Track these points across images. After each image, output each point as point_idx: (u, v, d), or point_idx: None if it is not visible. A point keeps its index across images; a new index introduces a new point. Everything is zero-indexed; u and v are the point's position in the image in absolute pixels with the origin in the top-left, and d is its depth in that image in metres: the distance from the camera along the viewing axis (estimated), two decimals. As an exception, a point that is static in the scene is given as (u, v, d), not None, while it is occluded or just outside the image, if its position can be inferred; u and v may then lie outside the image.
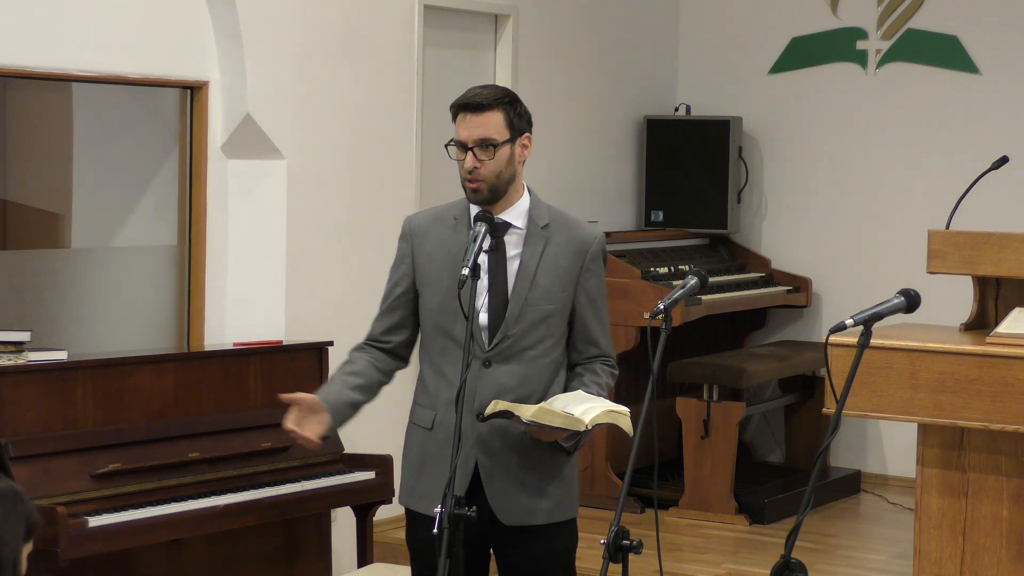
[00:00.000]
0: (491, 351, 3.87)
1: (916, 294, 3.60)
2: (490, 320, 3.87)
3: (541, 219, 3.92)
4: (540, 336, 3.89)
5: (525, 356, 3.88)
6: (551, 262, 3.90)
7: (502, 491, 3.87)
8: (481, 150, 3.83)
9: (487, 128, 3.83)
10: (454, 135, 3.88)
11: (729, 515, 7.21)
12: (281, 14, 6.20)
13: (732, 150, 8.30)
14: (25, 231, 6.49)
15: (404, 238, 4.01)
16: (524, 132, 3.91)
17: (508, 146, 3.86)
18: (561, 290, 3.90)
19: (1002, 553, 5.31)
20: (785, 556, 3.37)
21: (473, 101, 3.85)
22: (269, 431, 5.52)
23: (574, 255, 3.92)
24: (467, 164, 3.84)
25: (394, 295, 4.03)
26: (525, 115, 3.93)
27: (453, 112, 3.90)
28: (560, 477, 3.92)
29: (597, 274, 3.96)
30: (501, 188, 3.87)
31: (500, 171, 3.85)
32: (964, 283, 5.82)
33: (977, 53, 7.97)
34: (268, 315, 6.18)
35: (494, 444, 3.87)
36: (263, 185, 6.21)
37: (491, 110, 3.84)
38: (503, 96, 3.89)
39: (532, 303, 3.87)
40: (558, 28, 7.80)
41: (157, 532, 4.96)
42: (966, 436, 5.33)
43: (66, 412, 5.03)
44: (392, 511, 6.37)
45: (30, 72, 5.54)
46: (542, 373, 3.90)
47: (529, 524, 3.89)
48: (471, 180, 3.85)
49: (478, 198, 3.87)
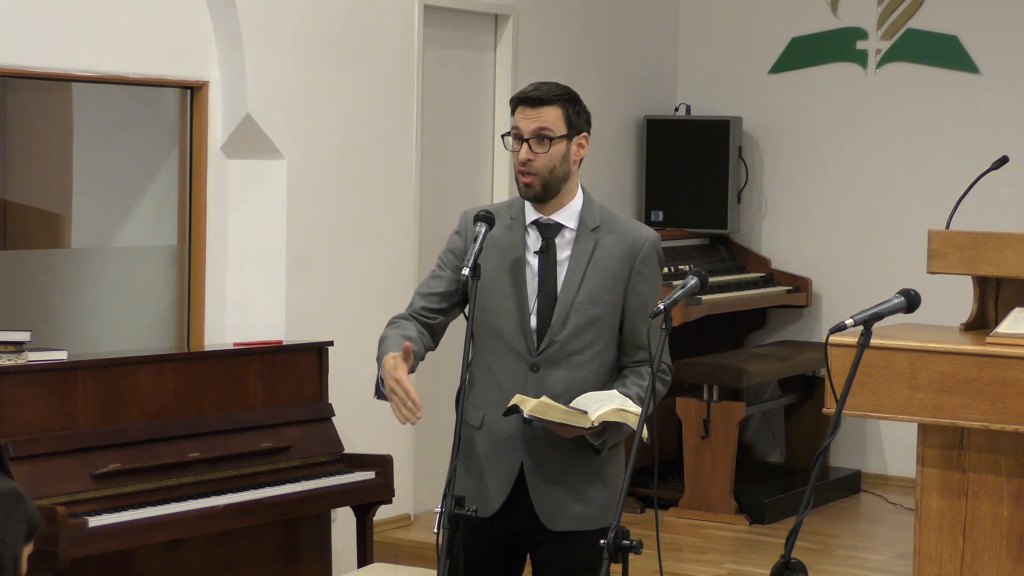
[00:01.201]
0: (538, 356, 3.81)
1: (916, 294, 3.59)
2: (538, 324, 3.81)
3: (592, 221, 3.85)
4: (588, 341, 3.82)
5: (573, 361, 3.82)
6: (600, 265, 3.82)
7: (547, 496, 3.81)
8: (537, 142, 3.77)
9: (544, 120, 3.78)
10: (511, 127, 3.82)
11: (729, 515, 7.21)
12: (281, 14, 6.20)
13: (732, 150, 8.30)
14: (25, 231, 6.49)
15: (459, 232, 3.92)
16: (582, 131, 3.84)
17: (564, 142, 3.80)
18: (609, 293, 3.82)
19: (1002, 553, 5.31)
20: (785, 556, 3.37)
21: (533, 95, 3.80)
22: (269, 431, 5.53)
23: (623, 257, 3.83)
24: (521, 155, 3.78)
25: (448, 278, 3.89)
26: (584, 114, 3.86)
27: (512, 105, 3.84)
28: (603, 480, 3.86)
29: (649, 277, 3.87)
30: (554, 184, 3.80)
31: (554, 166, 3.78)
32: (964, 283, 5.82)
33: (977, 53, 7.97)
34: (268, 315, 6.18)
35: (542, 448, 3.80)
36: (263, 185, 6.21)
37: (550, 105, 3.79)
38: (563, 93, 3.83)
39: (578, 307, 3.80)
40: (558, 28, 7.80)
41: (157, 532, 4.96)
42: (966, 436, 5.33)
43: (66, 412, 5.02)
44: (392, 511, 6.38)
45: (30, 72, 5.54)
46: (589, 378, 3.83)
47: (574, 530, 3.83)
48: (524, 173, 3.79)
49: (530, 192, 3.80)
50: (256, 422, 5.51)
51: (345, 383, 6.12)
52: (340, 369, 6.00)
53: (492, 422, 3.82)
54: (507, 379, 3.81)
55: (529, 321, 3.80)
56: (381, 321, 6.77)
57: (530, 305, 3.81)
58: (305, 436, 5.64)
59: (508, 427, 3.80)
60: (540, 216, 3.85)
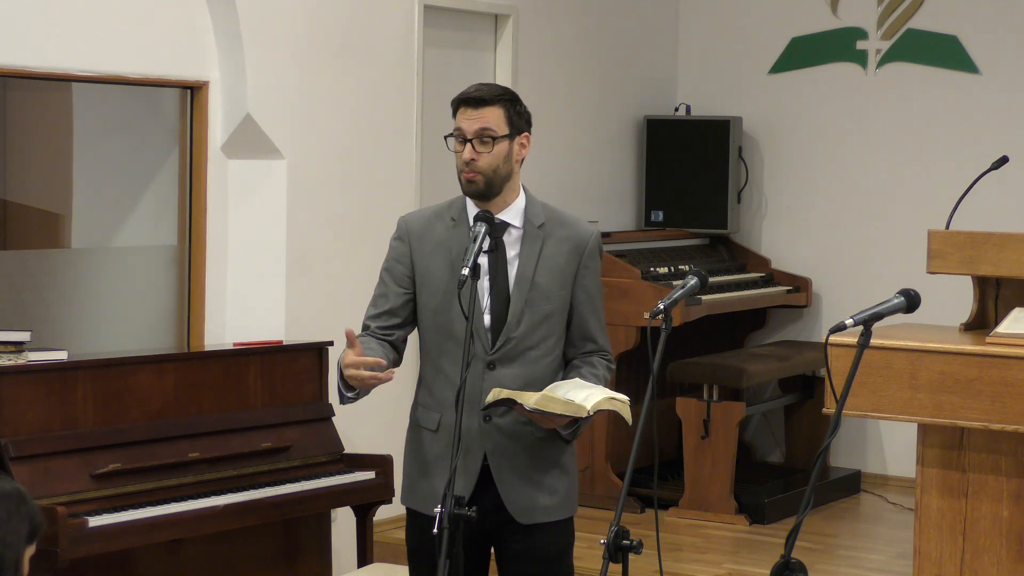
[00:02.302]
0: (495, 353, 3.87)
1: (916, 294, 3.60)
2: (492, 322, 3.87)
3: (537, 218, 3.93)
4: (542, 336, 3.90)
5: (528, 357, 3.88)
6: (549, 261, 3.90)
7: (515, 490, 3.87)
8: (480, 142, 3.84)
9: (486, 121, 3.84)
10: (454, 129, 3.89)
11: (729, 515, 7.21)
12: (281, 14, 6.20)
13: (732, 150, 8.30)
14: (25, 231, 6.49)
15: (400, 238, 3.98)
16: (523, 131, 3.92)
17: (507, 142, 3.87)
18: (560, 288, 3.90)
19: (1002, 553, 5.31)
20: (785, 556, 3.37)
21: (474, 96, 3.87)
22: (269, 431, 5.53)
23: (571, 253, 3.92)
24: (465, 155, 3.85)
25: (393, 293, 3.97)
26: (525, 114, 3.94)
27: (454, 106, 3.91)
28: (564, 470, 3.93)
29: (594, 271, 3.97)
30: (497, 183, 3.87)
31: (497, 165, 3.85)
32: (964, 283, 5.82)
33: (977, 53, 7.97)
34: (268, 315, 6.18)
35: (503, 443, 3.86)
36: (263, 185, 6.21)
37: (491, 105, 3.86)
38: (503, 93, 3.91)
39: (532, 304, 3.88)
40: (558, 28, 7.80)
41: (157, 532, 4.97)
42: (966, 436, 5.33)
43: (66, 412, 5.02)
44: (392, 511, 6.38)
45: (30, 72, 5.54)
46: (544, 373, 3.90)
47: (544, 521, 3.89)
48: (468, 171, 3.85)
49: (472, 189, 3.86)
50: (256, 422, 5.52)
51: (345, 383, 6.12)
52: (340, 369, 6.00)
53: (449, 423, 3.84)
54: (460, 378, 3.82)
55: (482, 319, 3.86)
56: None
57: (483, 304, 3.85)
58: (305, 436, 5.64)
59: (468, 425, 3.82)
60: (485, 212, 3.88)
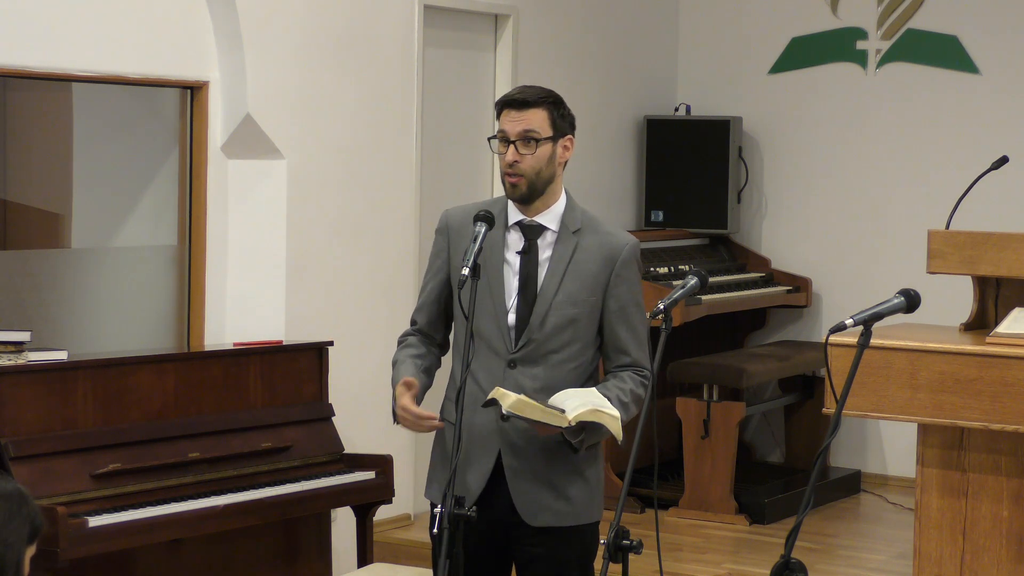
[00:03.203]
0: (516, 352, 3.86)
1: (916, 294, 3.60)
2: (517, 322, 3.86)
3: (573, 223, 3.92)
4: (566, 340, 3.87)
5: (550, 360, 3.87)
6: (579, 267, 3.88)
7: (527, 491, 3.85)
8: (523, 144, 3.84)
9: (530, 123, 3.84)
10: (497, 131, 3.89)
11: (729, 515, 7.21)
12: (281, 14, 6.20)
13: (732, 150, 8.30)
14: (25, 231, 6.49)
15: (440, 232, 4.00)
16: (567, 134, 3.92)
17: (550, 144, 3.87)
18: (588, 295, 3.87)
19: (1002, 553, 5.31)
20: (785, 556, 3.37)
21: (518, 98, 3.86)
22: (269, 431, 5.53)
23: (603, 261, 3.89)
24: (508, 157, 3.84)
25: (433, 288, 4.00)
26: (568, 117, 3.93)
27: (497, 109, 3.90)
28: (584, 478, 3.90)
29: (628, 280, 3.92)
30: (540, 186, 3.87)
31: (540, 168, 3.85)
32: (964, 283, 5.83)
33: (977, 53, 7.97)
34: (268, 315, 6.18)
35: (518, 443, 3.85)
36: (263, 185, 6.21)
37: (535, 107, 3.85)
38: (548, 95, 3.90)
39: (557, 307, 3.85)
40: (558, 28, 7.81)
41: (157, 532, 4.97)
42: (966, 436, 5.33)
43: (66, 412, 5.02)
44: (392, 511, 6.38)
45: (30, 72, 5.54)
46: (566, 378, 3.87)
47: (554, 526, 3.87)
48: (511, 174, 3.85)
49: (516, 193, 3.87)
50: (256, 422, 5.52)
51: (345, 383, 6.12)
52: (340, 369, 6.00)
53: (470, 417, 3.84)
54: (484, 375, 3.86)
55: (507, 318, 3.85)
56: (381, 321, 6.80)
57: (508, 303, 3.85)
58: (305, 436, 5.64)
59: (485, 421, 3.84)
60: (523, 218, 3.91)
